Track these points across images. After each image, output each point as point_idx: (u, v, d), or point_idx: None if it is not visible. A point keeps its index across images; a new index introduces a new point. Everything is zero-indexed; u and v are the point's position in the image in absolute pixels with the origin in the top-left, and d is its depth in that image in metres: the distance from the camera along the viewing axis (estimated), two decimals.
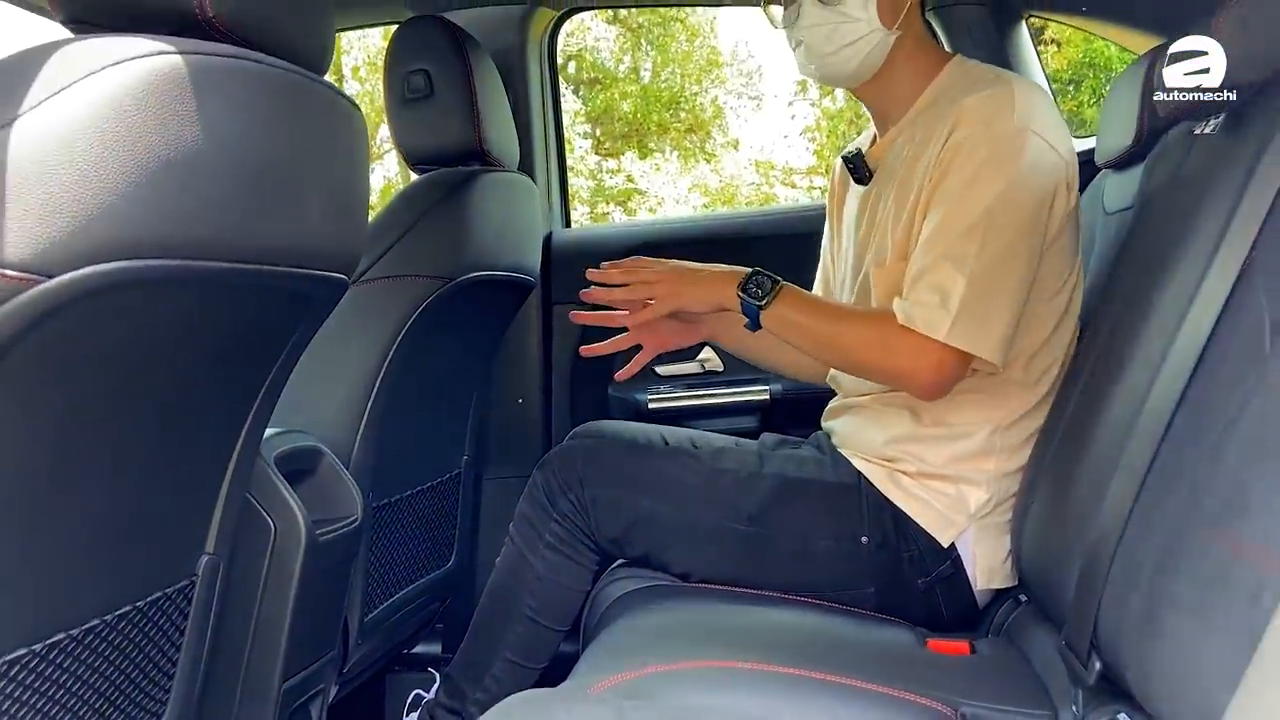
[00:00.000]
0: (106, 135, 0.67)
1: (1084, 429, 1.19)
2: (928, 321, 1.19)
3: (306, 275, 0.93)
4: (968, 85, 1.31)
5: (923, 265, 1.22)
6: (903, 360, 1.21)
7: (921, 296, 1.20)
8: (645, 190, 12.00)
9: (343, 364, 1.41)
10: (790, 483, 1.35)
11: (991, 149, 1.22)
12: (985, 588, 1.33)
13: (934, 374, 1.20)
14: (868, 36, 1.33)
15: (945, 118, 1.29)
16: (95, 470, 0.84)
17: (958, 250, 1.20)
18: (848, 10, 1.32)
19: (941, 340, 1.18)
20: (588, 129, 12.44)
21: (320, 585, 1.26)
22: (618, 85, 12.61)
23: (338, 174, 0.94)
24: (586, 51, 12.36)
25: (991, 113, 1.24)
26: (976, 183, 1.21)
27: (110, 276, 0.70)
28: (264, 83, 0.80)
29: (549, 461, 1.40)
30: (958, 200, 1.22)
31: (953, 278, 1.19)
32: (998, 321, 1.20)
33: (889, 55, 1.35)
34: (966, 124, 1.25)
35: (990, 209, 1.20)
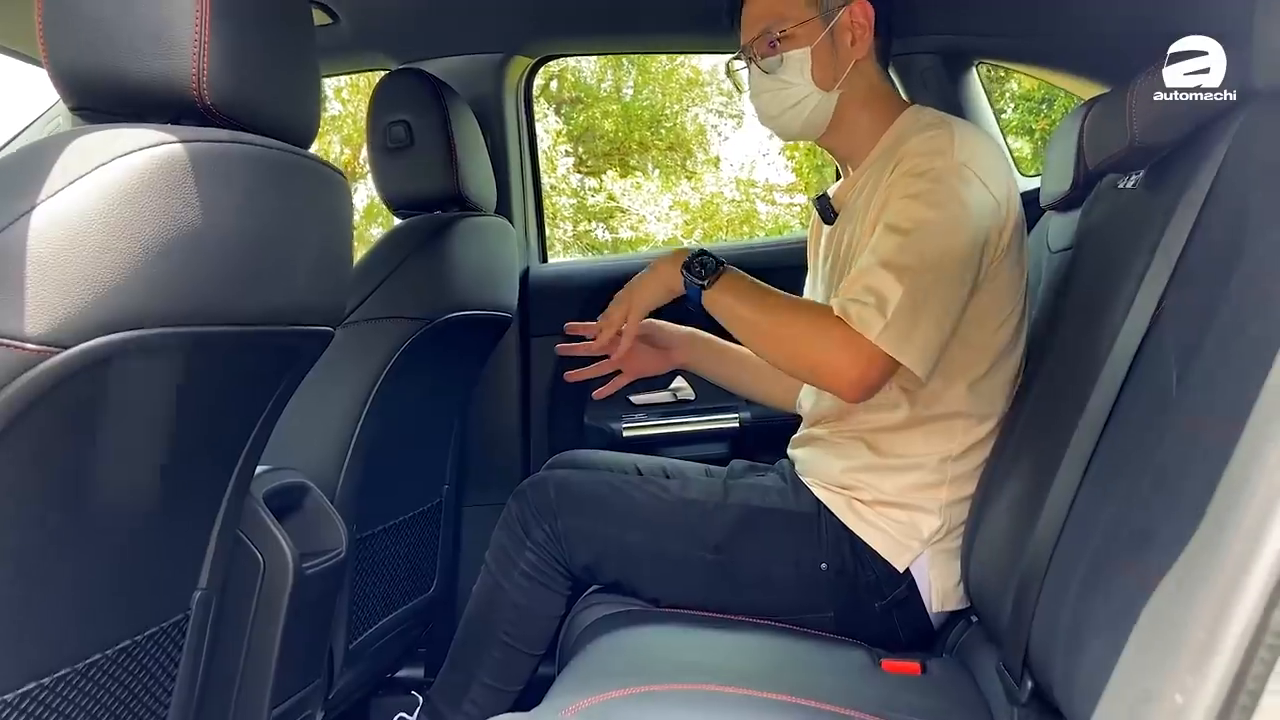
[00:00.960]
0: (116, 220, 0.74)
1: (1022, 460, 1.27)
2: (862, 319, 1.24)
3: (297, 331, 1.00)
4: (917, 129, 1.40)
5: (862, 268, 1.28)
6: (832, 353, 1.25)
7: (859, 295, 1.26)
8: (627, 208, 12.08)
9: (328, 403, 1.47)
10: (753, 512, 1.42)
11: (930, 181, 1.29)
12: (939, 610, 1.41)
13: (860, 371, 1.24)
14: (807, 99, 1.43)
15: (891, 161, 1.38)
16: (99, 518, 0.91)
17: (896, 261, 1.25)
18: (786, 78, 1.42)
19: (872, 340, 1.23)
20: (569, 147, 12.51)
21: (307, 616, 1.33)
22: (599, 104, 12.69)
23: (324, 237, 1.02)
24: (568, 71, 12.45)
25: (933, 150, 1.32)
26: (915, 206, 1.28)
27: (118, 345, 0.77)
28: (257, 163, 0.88)
29: (523, 491, 1.47)
30: (895, 214, 1.29)
31: (890, 285, 1.24)
32: (925, 335, 1.24)
33: (839, 110, 1.45)
34: (908, 159, 1.33)
35: (927, 231, 1.27)
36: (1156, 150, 1.12)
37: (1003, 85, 8.46)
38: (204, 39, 0.83)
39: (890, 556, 1.39)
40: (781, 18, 1.41)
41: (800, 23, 1.40)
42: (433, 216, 1.66)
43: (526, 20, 1.96)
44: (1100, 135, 1.27)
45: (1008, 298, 1.40)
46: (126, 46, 0.82)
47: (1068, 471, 1.08)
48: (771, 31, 1.41)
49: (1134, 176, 1.22)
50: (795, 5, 1.42)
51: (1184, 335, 0.96)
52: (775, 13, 1.42)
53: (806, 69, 1.41)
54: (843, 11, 1.42)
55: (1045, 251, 1.71)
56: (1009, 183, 1.37)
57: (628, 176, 12.35)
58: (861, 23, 1.42)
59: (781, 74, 1.42)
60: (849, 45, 1.43)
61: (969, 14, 1.82)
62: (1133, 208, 1.19)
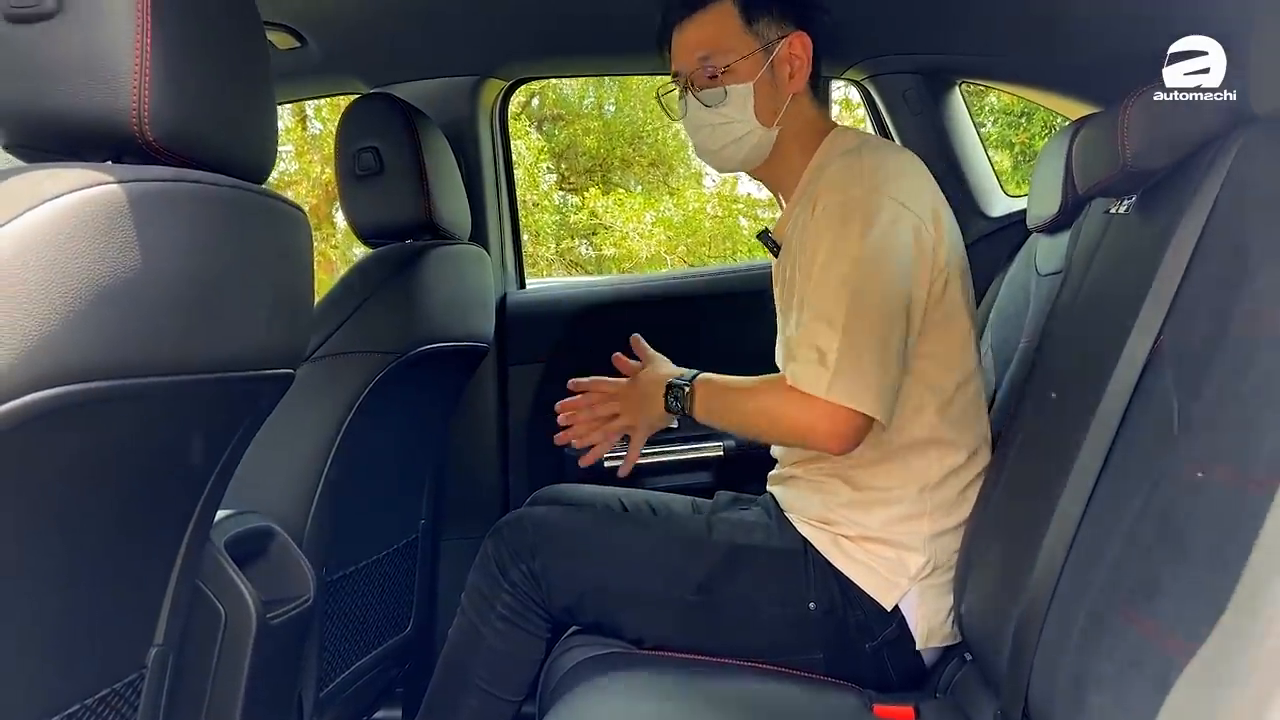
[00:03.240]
0: (45, 268, 0.69)
1: (1016, 499, 1.23)
2: (809, 380, 1.23)
3: (253, 377, 0.95)
4: (834, 156, 1.37)
5: (805, 327, 1.26)
6: (798, 420, 1.25)
7: (803, 355, 1.25)
8: (610, 225, 12.06)
9: (294, 441, 1.42)
10: (738, 550, 1.37)
11: (845, 213, 1.27)
12: (925, 647, 1.36)
13: (827, 427, 1.23)
14: (748, 135, 1.40)
15: (813, 190, 1.35)
16: (46, 576, 0.85)
17: (828, 310, 1.24)
18: (728, 112, 1.38)
19: (823, 397, 1.22)
20: (552, 164, 12.49)
21: (273, 667, 1.27)
22: (581, 121, 12.69)
23: (282, 277, 0.96)
24: (550, 88, 12.44)
25: (846, 180, 1.29)
26: (836, 246, 1.26)
27: (55, 401, 0.71)
28: (204, 201, 0.83)
29: (499, 530, 1.42)
30: (822, 265, 1.27)
31: (827, 336, 1.23)
32: (873, 376, 1.22)
33: (775, 144, 1.42)
34: (824, 194, 1.31)
35: (851, 270, 1.24)
36: (1149, 175, 1.08)
37: (981, 99, 8.49)
38: (144, 70, 0.77)
39: (878, 595, 1.34)
40: (722, 49, 1.37)
41: (743, 56, 1.37)
42: (404, 246, 1.61)
43: (500, 42, 1.92)
44: (1090, 158, 1.23)
45: (962, 314, 1.37)
46: (61, 79, 0.77)
47: (1066, 507, 1.04)
48: (712, 62, 1.37)
49: (1126, 202, 1.19)
50: (734, 35, 1.38)
51: (1184, 371, 0.92)
52: (714, 43, 1.38)
53: (749, 105, 1.38)
54: (782, 44, 1.38)
55: (1033, 274, 1.68)
56: (932, 197, 1.34)
57: (610, 194, 12.33)
58: (800, 55, 1.39)
59: (723, 108, 1.38)
60: (787, 79, 1.39)
61: (951, 33, 1.79)
62: (1126, 235, 1.15)
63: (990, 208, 2.04)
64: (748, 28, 1.37)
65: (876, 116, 2.05)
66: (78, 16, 0.77)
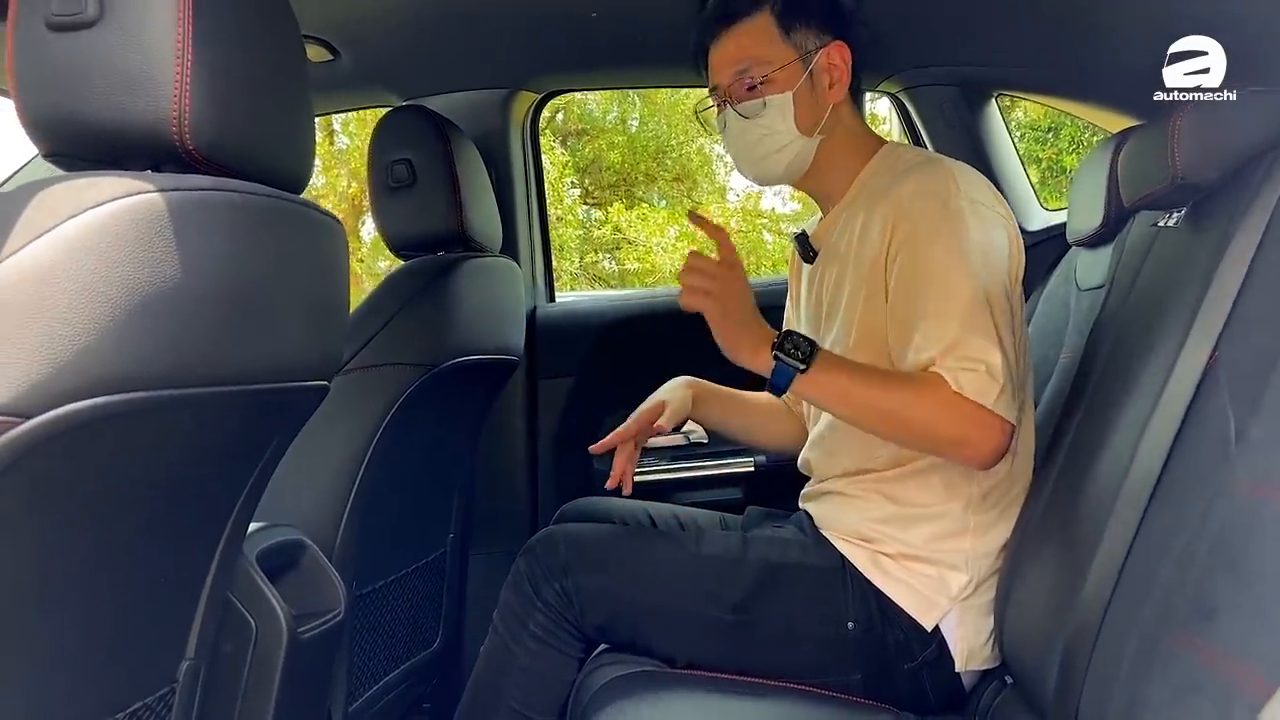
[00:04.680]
0: (85, 278, 0.68)
1: (1061, 517, 1.20)
2: (979, 389, 1.17)
3: (288, 388, 0.94)
4: (899, 169, 1.35)
5: (953, 340, 1.19)
6: (966, 427, 1.18)
7: (965, 364, 1.19)
8: (634, 240, 12.07)
9: (325, 454, 1.41)
10: (773, 569, 1.35)
11: (954, 226, 1.24)
12: (964, 669, 1.33)
13: (995, 442, 1.18)
14: (790, 145, 1.38)
15: (878, 204, 1.32)
16: (77, 591, 0.84)
17: (979, 324, 1.19)
18: (768, 123, 1.37)
19: (991, 408, 1.17)
20: (576, 179, 12.54)
21: (303, 682, 1.25)
22: (605, 135, 12.73)
23: (316, 287, 0.95)
24: (574, 103, 12.50)
25: (940, 191, 1.26)
26: (957, 260, 1.22)
27: (90, 412, 0.70)
28: (243, 211, 0.82)
29: (531, 548, 1.40)
30: (948, 282, 1.22)
31: (987, 349, 1.18)
32: (1011, 387, 1.20)
33: (817, 153, 1.40)
34: (916, 210, 1.27)
35: (979, 282, 1.21)
36: (1201, 187, 1.06)
37: (1008, 114, 8.43)
38: (185, 79, 0.77)
39: (918, 614, 1.31)
40: (760, 60, 1.36)
41: (781, 66, 1.35)
42: (436, 258, 1.60)
43: (531, 55, 1.91)
44: (1137, 171, 1.21)
45: (1021, 324, 1.34)
46: (102, 89, 0.76)
47: (1116, 528, 1.01)
48: (750, 74, 1.36)
49: (1175, 214, 1.16)
50: (773, 46, 1.36)
51: (1242, 388, 0.89)
52: (751, 55, 1.36)
53: (789, 114, 1.36)
54: (820, 54, 1.37)
55: (1073, 289, 1.65)
56: (1003, 200, 1.34)
57: (634, 208, 12.35)
58: (839, 64, 1.38)
59: (763, 119, 1.37)
60: (827, 88, 1.38)
61: (989, 46, 1.76)
62: (1176, 248, 1.12)
63: (1028, 221, 2.01)
64: (785, 37, 1.36)
65: (912, 129, 2.03)
66: (119, 25, 0.76)
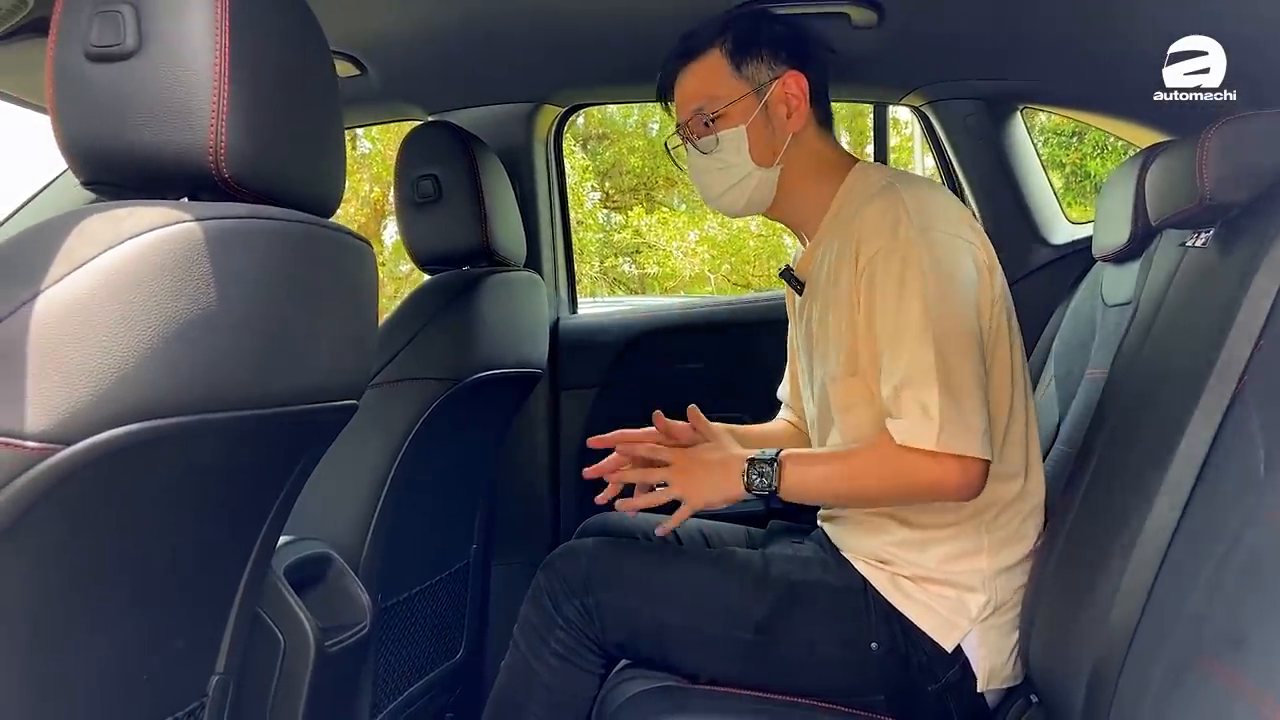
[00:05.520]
0: (125, 306, 0.70)
1: (1086, 536, 1.19)
2: (916, 435, 1.21)
3: (319, 409, 0.95)
4: (864, 194, 1.35)
5: (899, 381, 1.24)
6: (918, 476, 1.22)
7: (906, 411, 1.23)
8: (653, 243, 12.07)
9: (351, 468, 1.42)
10: (796, 587, 1.35)
11: (904, 259, 1.25)
12: (986, 689, 1.33)
13: (956, 478, 1.21)
14: (747, 178, 1.39)
15: (848, 230, 1.33)
16: (111, 611, 0.85)
17: (920, 361, 1.22)
18: (723, 158, 1.39)
19: (934, 449, 1.20)
20: (596, 183, 12.55)
21: (330, 694, 1.27)
22: (625, 140, 12.73)
23: (348, 309, 0.97)
24: (594, 108, 12.51)
25: (891, 223, 1.27)
26: (905, 295, 1.24)
27: (127, 438, 0.72)
28: (278, 237, 0.83)
29: (551, 563, 1.40)
30: (896, 315, 1.25)
31: (926, 388, 1.21)
32: (973, 417, 1.21)
33: (783, 183, 1.41)
34: (871, 240, 1.28)
35: (926, 316, 1.23)
36: (1229, 208, 1.05)
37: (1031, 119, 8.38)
38: (222, 108, 0.78)
39: (937, 636, 1.31)
40: (713, 97, 1.38)
41: (732, 101, 1.37)
42: (461, 273, 1.62)
43: (555, 70, 1.92)
44: (1165, 189, 1.20)
45: (1010, 342, 1.35)
46: (140, 118, 0.77)
47: (1142, 551, 1.00)
48: (704, 111, 1.38)
49: (1203, 234, 1.15)
50: (725, 83, 1.38)
51: (1273, 411, 0.88)
52: (706, 92, 1.39)
53: (743, 147, 1.38)
54: (775, 84, 1.37)
55: (1099, 304, 1.64)
56: (971, 222, 1.34)
57: (654, 212, 12.35)
58: (795, 93, 1.38)
59: (719, 154, 1.39)
60: (784, 118, 1.38)
61: (1014, 59, 1.76)
62: (1204, 269, 1.12)
63: (1053, 235, 2.00)
64: (737, 73, 1.38)
65: (936, 143, 2.02)
66: (158, 55, 0.78)
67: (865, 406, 1.34)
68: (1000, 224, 1.95)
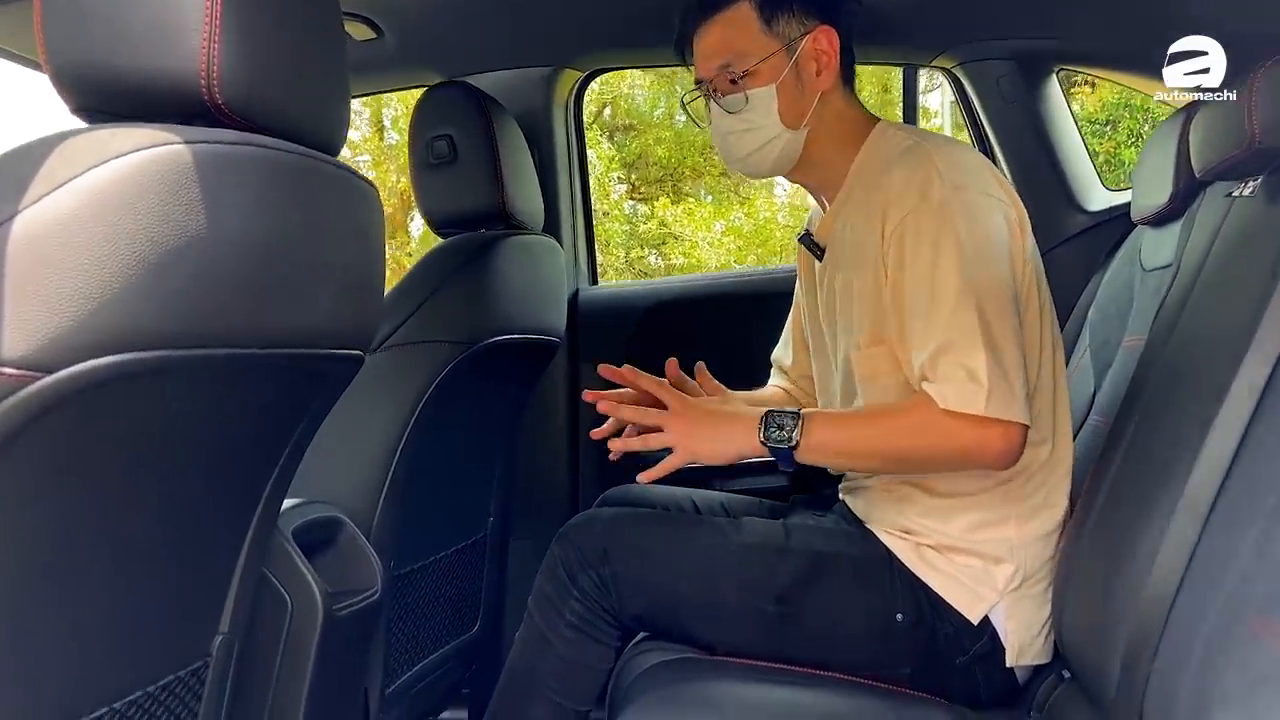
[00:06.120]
0: (109, 229, 0.66)
1: (1123, 505, 1.14)
2: (964, 400, 1.15)
3: (319, 355, 0.92)
4: (889, 155, 1.29)
5: (938, 345, 1.18)
6: (959, 441, 1.17)
7: (949, 375, 1.17)
8: (680, 234, 12.01)
9: (363, 431, 1.39)
10: (819, 559, 1.30)
11: (937, 218, 1.19)
12: (1017, 663, 1.28)
13: (999, 445, 1.16)
14: (775, 140, 1.34)
15: (874, 194, 1.27)
16: (102, 559, 0.82)
17: (961, 324, 1.17)
18: (751, 118, 1.32)
19: (982, 414, 1.15)
20: (622, 174, 12.52)
21: (338, 660, 1.24)
22: (652, 130, 12.68)
23: (350, 254, 0.93)
24: (621, 98, 12.47)
25: (922, 183, 1.22)
26: (940, 257, 1.19)
27: (112, 369, 0.69)
28: (273, 167, 0.80)
29: (567, 534, 1.36)
30: (931, 279, 1.19)
31: (970, 352, 1.16)
32: (1016, 381, 1.17)
33: (807, 144, 1.35)
34: (900, 202, 1.22)
35: (963, 277, 1.17)
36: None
37: None
38: (215, 32, 0.75)
39: (963, 607, 1.26)
40: (741, 53, 1.31)
41: (763, 58, 1.30)
42: (476, 235, 1.58)
43: (576, 33, 1.88)
44: (1210, 138, 1.14)
45: (1040, 303, 1.30)
46: (130, 42, 0.74)
47: (1183, 517, 0.95)
48: (732, 69, 1.31)
49: (1250, 183, 1.09)
50: (753, 38, 1.31)
51: None
52: (733, 48, 1.32)
53: (773, 108, 1.32)
54: (805, 40, 1.31)
55: (1138, 269, 1.58)
56: (1001, 180, 1.29)
57: (680, 203, 12.30)
58: (826, 50, 1.32)
59: (746, 114, 1.32)
60: (814, 76, 1.32)
61: (1049, 17, 1.69)
62: (1251, 218, 1.06)
63: (1089, 201, 1.93)
64: (767, 28, 1.31)
65: (968, 107, 1.96)
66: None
67: (891, 376, 1.29)
68: (1035, 190, 1.88)
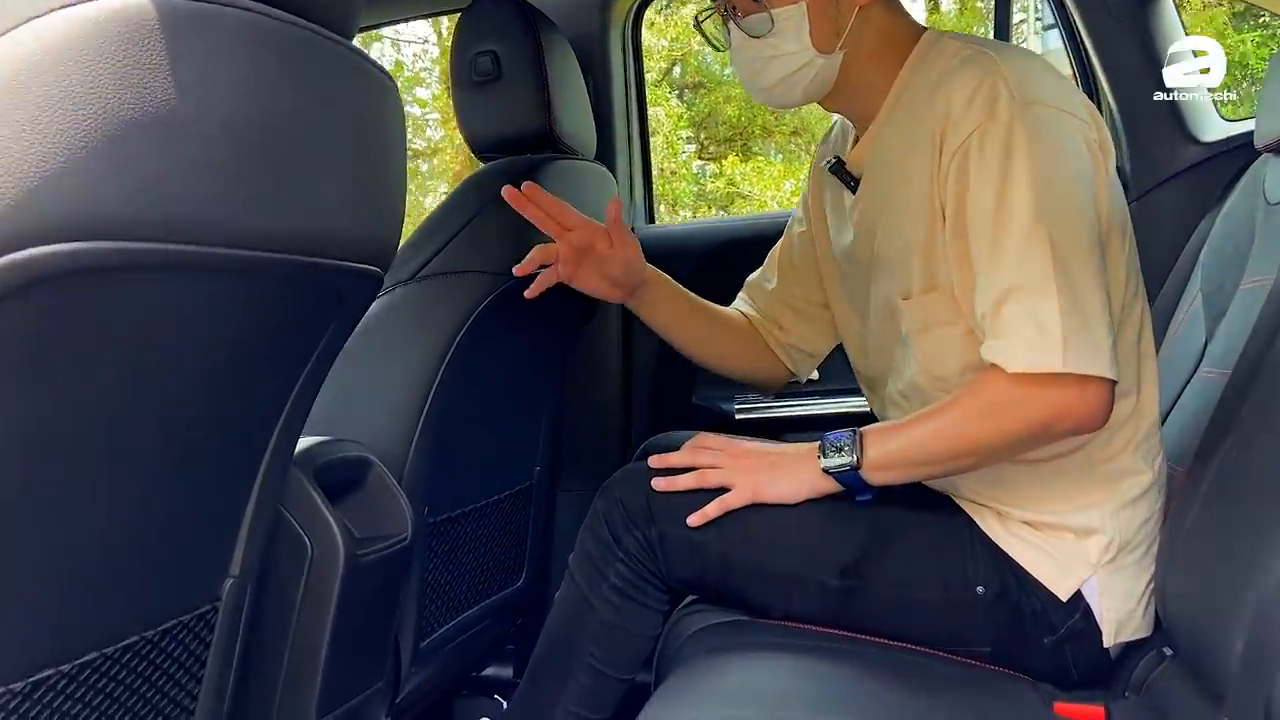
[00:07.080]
0: (51, 91, 0.56)
1: (1250, 459, 0.99)
2: (1036, 359, 1.01)
3: (328, 266, 0.81)
4: (944, 67, 1.12)
5: (1003, 290, 1.03)
6: (1039, 412, 1.03)
7: (1014, 327, 1.02)
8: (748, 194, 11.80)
9: (395, 367, 1.30)
10: (889, 524, 1.17)
11: (1005, 139, 1.04)
12: (1114, 642, 1.14)
13: (1083, 406, 1.02)
14: (805, 67, 1.17)
15: (925, 113, 1.11)
16: (84, 487, 0.73)
17: (1031, 263, 1.02)
18: (778, 44, 1.15)
19: (1060, 371, 1.00)
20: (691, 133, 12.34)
21: (363, 610, 1.15)
22: (722, 89, 12.47)
23: (363, 149, 0.82)
24: (691, 55, 12.27)
25: (988, 97, 1.05)
26: (1008, 182, 1.03)
27: (67, 260, 0.59)
28: (263, 36, 0.68)
29: (610, 488, 1.24)
30: (997, 210, 1.03)
31: (1041, 297, 1.01)
32: (1099, 330, 1.02)
33: (843, 69, 1.18)
34: (963, 120, 1.06)
35: (1037, 206, 1.02)
36: None
37: None
38: None
39: (1050, 583, 1.13)
40: None
41: None
42: (520, 159, 1.47)
43: None
44: None
45: (1123, 234, 1.14)
46: None
47: None
48: None
49: None
50: None
51: None
52: None
53: (804, 31, 1.14)
54: None
55: (1261, 203, 1.40)
56: (1080, 94, 1.15)
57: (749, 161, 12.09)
58: None
59: (772, 38, 1.15)
60: None
61: None
62: None
63: (1204, 132, 1.74)
64: None
65: (1066, 24, 1.77)
66: None
67: (949, 327, 1.13)
68: (1142, 119, 1.68)
